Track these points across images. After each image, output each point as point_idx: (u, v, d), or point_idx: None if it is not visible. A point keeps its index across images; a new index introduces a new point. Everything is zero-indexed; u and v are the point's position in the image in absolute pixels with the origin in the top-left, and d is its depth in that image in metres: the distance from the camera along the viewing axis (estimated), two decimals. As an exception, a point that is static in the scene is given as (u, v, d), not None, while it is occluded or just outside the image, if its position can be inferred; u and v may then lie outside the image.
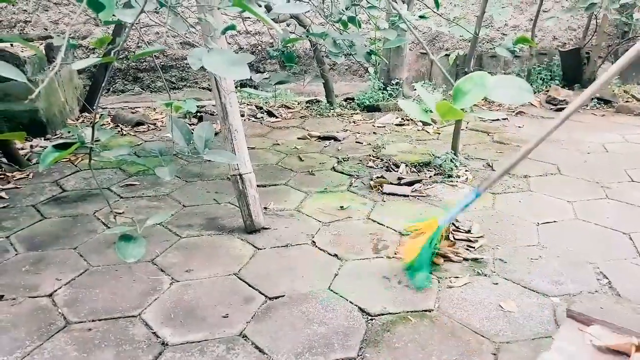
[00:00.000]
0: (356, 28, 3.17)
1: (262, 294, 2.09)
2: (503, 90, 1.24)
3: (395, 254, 2.39)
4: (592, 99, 5.35)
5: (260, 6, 2.11)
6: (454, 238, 2.49)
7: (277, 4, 1.64)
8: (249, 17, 6.64)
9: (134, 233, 1.55)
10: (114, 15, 1.53)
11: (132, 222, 2.62)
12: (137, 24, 1.51)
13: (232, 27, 1.96)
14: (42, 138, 4.12)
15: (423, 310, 1.96)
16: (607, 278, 2.15)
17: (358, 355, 1.73)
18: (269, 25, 1.37)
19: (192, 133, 1.75)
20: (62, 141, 1.47)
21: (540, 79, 6.09)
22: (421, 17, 3.26)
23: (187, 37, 2.36)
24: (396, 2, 3.09)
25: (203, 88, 6.84)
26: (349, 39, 2.99)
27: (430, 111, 1.27)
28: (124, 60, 6.40)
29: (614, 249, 2.39)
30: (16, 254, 2.40)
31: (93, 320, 1.91)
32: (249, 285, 2.15)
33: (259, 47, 6.96)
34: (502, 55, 2.78)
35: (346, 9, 3.17)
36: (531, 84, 5.99)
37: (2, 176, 3.33)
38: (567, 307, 1.84)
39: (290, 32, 3.30)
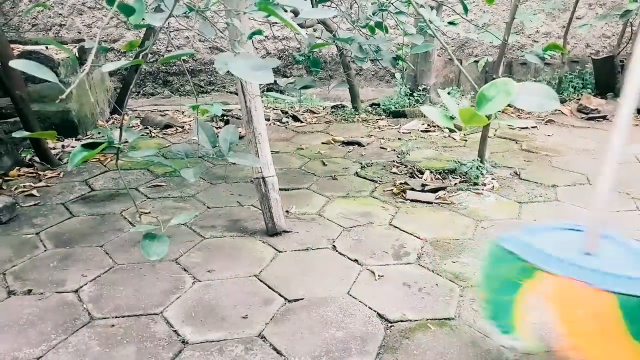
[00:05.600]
0: (383, 33, 3.17)
1: (282, 296, 2.10)
2: (528, 97, 1.22)
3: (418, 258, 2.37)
4: (625, 108, 5.20)
5: (286, 11, 2.14)
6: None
7: (305, 9, 1.66)
8: (276, 23, 6.72)
9: (157, 232, 1.58)
10: (143, 19, 1.57)
11: (156, 222, 2.68)
12: (166, 28, 1.55)
13: (259, 32, 1.98)
14: (74, 138, 4.25)
15: (443, 319, 1.94)
16: (635, 292, 2.08)
17: (375, 361, 1.72)
18: (295, 30, 1.39)
19: (217, 136, 1.78)
20: (91, 141, 1.52)
21: (572, 87, 5.96)
22: (450, 23, 3.24)
23: (215, 41, 2.40)
24: (424, 8, 3.08)
25: (230, 92, 6.93)
26: (375, 44, 3.00)
27: (453, 117, 1.26)
28: (154, 63, 6.55)
29: (644, 262, 2.32)
30: (45, 250, 2.47)
31: (116, 317, 1.95)
32: (269, 287, 2.17)
33: (286, 52, 7.02)
34: (532, 62, 2.74)
35: (373, 14, 3.17)
36: (562, 92, 5.88)
37: (34, 174, 3.44)
38: None
39: (317, 38, 3.32)
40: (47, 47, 4.43)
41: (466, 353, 1.74)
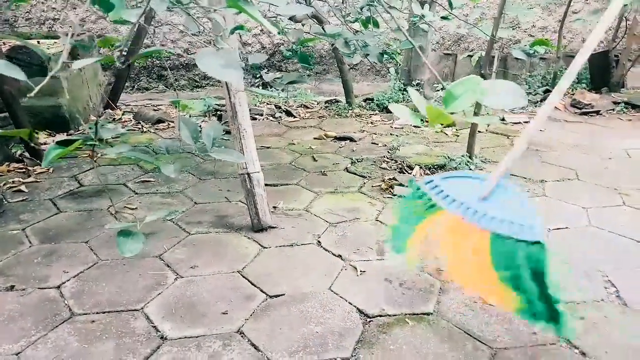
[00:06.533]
0: (373, 28, 3.16)
1: (263, 292, 2.11)
2: (495, 95, 1.22)
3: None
4: (619, 103, 5.19)
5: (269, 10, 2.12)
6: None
7: (280, 6, 1.65)
8: (272, 17, 6.69)
9: (133, 229, 1.58)
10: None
11: (134, 219, 2.69)
12: (160, 22, 1.55)
13: (241, 28, 1.98)
14: (65, 134, 4.25)
15: (422, 314, 1.95)
16: (615, 287, 2.09)
17: (352, 355, 1.73)
18: (265, 27, 1.38)
19: (199, 131, 1.78)
20: (65, 138, 1.52)
21: (566, 82, 5.94)
22: (443, 18, 3.23)
23: (210, 35, 2.38)
24: (415, 3, 3.07)
25: (225, 87, 6.92)
26: (362, 39, 2.99)
27: (421, 115, 1.26)
28: (146, 59, 6.53)
29: (626, 258, 2.32)
30: (30, 246, 2.48)
31: (97, 313, 1.96)
32: (251, 283, 2.18)
33: (282, 47, 7.00)
34: (518, 57, 2.74)
35: (361, 9, 3.16)
36: (556, 87, 5.86)
37: (23, 170, 3.44)
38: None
39: (306, 32, 3.31)
40: (38, 42, 4.43)
41: (442, 347, 1.75)
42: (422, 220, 1.47)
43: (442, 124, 4.67)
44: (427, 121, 1.27)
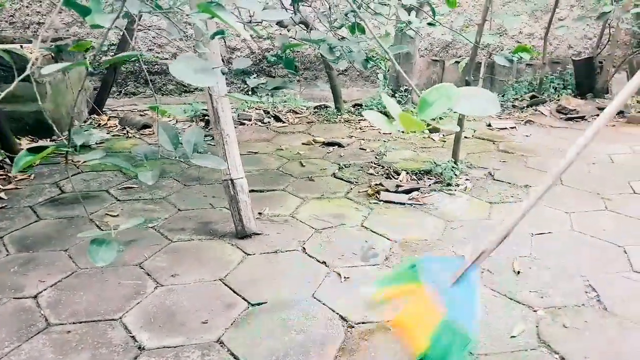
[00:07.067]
0: (359, 34, 3.16)
1: (245, 300, 2.08)
2: (468, 102, 1.21)
3: (386, 259, 2.37)
4: (603, 109, 5.23)
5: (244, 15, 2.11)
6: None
7: (257, 12, 1.64)
8: (260, 22, 6.68)
9: (107, 237, 1.55)
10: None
11: (107, 226, 2.65)
12: (148, 27, 1.53)
13: (221, 33, 1.96)
14: (49, 139, 4.19)
15: (404, 321, 1.93)
16: (595, 291, 2.09)
17: (332, 365, 1.71)
18: (238, 31, 1.37)
19: (179, 137, 1.76)
20: (37, 145, 1.49)
21: (553, 88, 5.99)
22: (429, 24, 3.24)
23: (196, 39, 2.36)
24: (402, 10, 3.08)
25: (213, 92, 6.89)
26: (347, 46, 2.98)
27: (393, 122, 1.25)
28: (135, 63, 6.49)
29: (607, 262, 2.33)
30: (7, 255, 2.43)
31: (73, 323, 1.92)
32: (233, 291, 2.15)
33: (270, 52, 6.99)
34: (500, 63, 2.74)
35: (346, 15, 3.17)
36: (543, 93, 5.91)
37: (4, 177, 3.39)
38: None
39: (291, 38, 3.30)
40: (21, 46, 4.38)
41: (424, 356, 1.74)
42: (405, 283, 1.67)
43: (425, 131, 4.68)
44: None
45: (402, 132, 4.52)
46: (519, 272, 2.25)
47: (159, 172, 1.80)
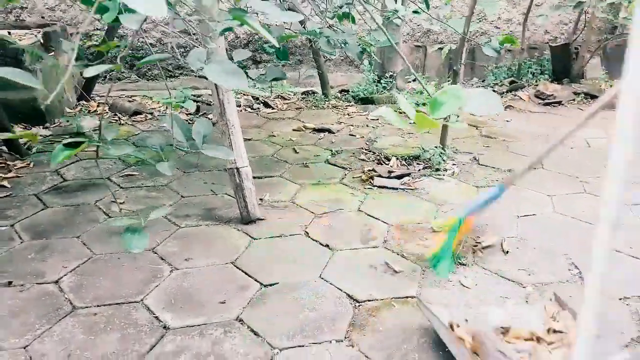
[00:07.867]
0: (350, 24, 3.27)
1: (257, 282, 2.23)
2: (476, 103, 1.37)
3: (384, 242, 2.54)
4: (579, 93, 5.48)
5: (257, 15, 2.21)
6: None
7: (272, 14, 1.74)
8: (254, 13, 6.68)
9: (138, 225, 1.67)
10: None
11: (133, 214, 2.75)
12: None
13: (230, 29, 2.06)
14: (42, 127, 4.21)
15: (406, 297, 2.11)
16: (577, 268, 2.30)
17: (345, 337, 1.87)
18: (267, 38, 1.48)
19: (191, 129, 1.87)
20: (71, 140, 1.59)
21: (531, 73, 6.21)
22: (414, 12, 3.37)
23: (188, 27, 2.43)
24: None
25: (200, 76, 6.89)
26: (343, 38, 3.10)
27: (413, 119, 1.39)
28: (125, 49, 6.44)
29: (587, 241, 2.54)
30: (21, 242, 2.52)
31: (98, 306, 2.04)
32: (245, 273, 2.29)
33: (256, 36, 7.02)
34: (488, 54, 2.90)
35: (340, 7, 3.27)
36: (521, 78, 6.13)
37: (3, 165, 3.42)
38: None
39: (286, 28, 3.40)
40: (9, 33, 4.35)
41: (427, 326, 1.92)
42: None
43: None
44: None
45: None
46: (507, 252, 2.45)
47: (174, 163, 1.91)
